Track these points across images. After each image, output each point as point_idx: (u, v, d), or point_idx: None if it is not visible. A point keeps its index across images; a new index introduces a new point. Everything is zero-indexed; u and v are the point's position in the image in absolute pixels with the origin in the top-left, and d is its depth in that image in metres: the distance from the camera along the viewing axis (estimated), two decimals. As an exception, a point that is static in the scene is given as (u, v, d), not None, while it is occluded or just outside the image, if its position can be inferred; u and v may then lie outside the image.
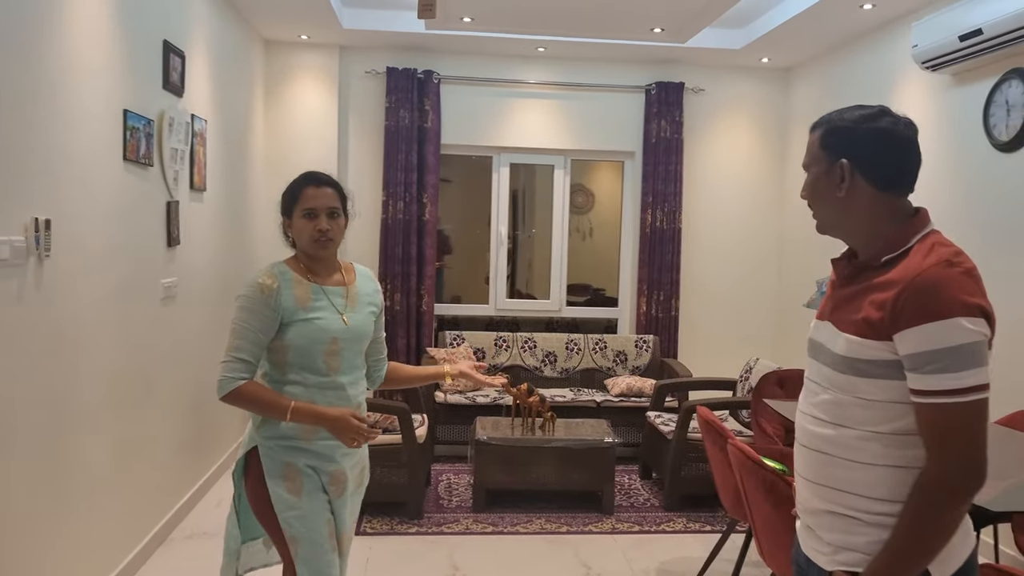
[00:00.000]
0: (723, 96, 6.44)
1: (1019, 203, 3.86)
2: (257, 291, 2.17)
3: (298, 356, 2.19)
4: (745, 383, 5.08)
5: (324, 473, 2.24)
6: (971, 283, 1.49)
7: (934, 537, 1.48)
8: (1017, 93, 3.86)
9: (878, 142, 1.60)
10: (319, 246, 2.24)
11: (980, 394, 1.45)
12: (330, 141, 6.09)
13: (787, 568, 2.67)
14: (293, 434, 2.20)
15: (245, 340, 2.16)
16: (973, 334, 1.45)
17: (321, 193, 2.25)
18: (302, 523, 2.18)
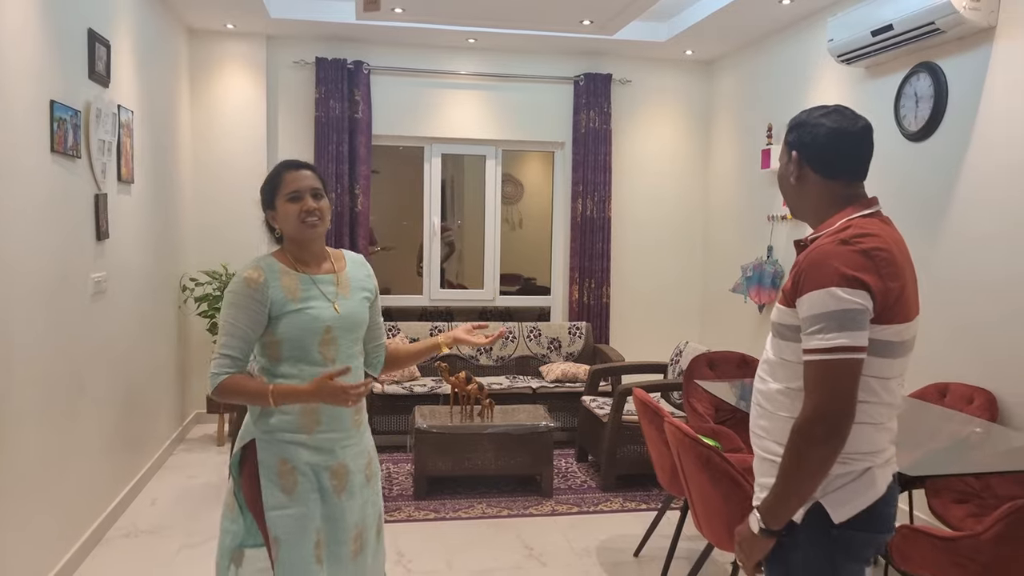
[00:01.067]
0: (649, 87, 6.60)
1: (928, 190, 4.10)
2: (243, 286, 2.12)
3: (292, 348, 2.15)
4: (676, 366, 5.25)
5: (324, 469, 2.19)
6: (859, 259, 1.66)
7: (802, 476, 1.68)
8: (925, 86, 4.09)
9: (821, 136, 1.79)
10: (308, 227, 2.19)
11: (847, 354, 1.63)
12: (259, 132, 6.01)
13: (722, 536, 2.81)
14: (293, 428, 2.16)
15: (232, 337, 2.12)
16: (846, 302, 1.63)
17: (301, 175, 2.22)
18: (287, 525, 2.12)
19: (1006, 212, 3.62)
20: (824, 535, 1.72)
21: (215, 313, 5.54)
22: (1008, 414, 3.56)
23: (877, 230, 1.73)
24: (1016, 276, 3.56)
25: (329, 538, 2.19)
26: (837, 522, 1.70)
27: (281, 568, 2.12)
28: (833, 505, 1.71)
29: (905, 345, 1.75)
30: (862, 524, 1.71)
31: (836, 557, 1.73)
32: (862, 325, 1.63)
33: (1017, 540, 2.33)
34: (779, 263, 5.48)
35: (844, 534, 1.71)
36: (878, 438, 1.75)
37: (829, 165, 1.81)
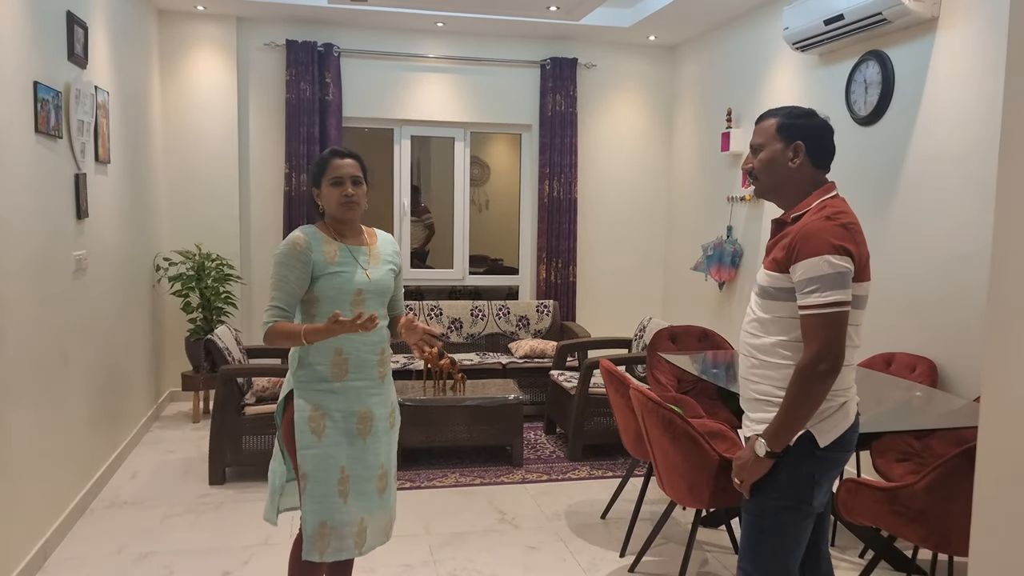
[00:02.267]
0: (614, 72, 6.77)
1: (877, 172, 4.34)
2: (291, 248, 2.44)
3: (328, 306, 2.45)
4: (640, 340, 5.47)
5: (352, 415, 2.48)
6: (841, 231, 2.07)
7: (804, 406, 2.07)
8: (873, 73, 4.32)
9: (821, 131, 2.21)
10: (346, 208, 2.50)
11: (838, 308, 2.04)
12: (229, 114, 6.08)
13: (683, 494, 3.03)
14: (326, 377, 2.46)
15: (280, 291, 2.43)
16: (836, 267, 2.03)
17: (345, 163, 2.51)
18: (315, 463, 2.43)
19: (947, 194, 3.87)
20: (809, 456, 2.12)
21: (189, 293, 5.63)
22: (947, 380, 3.82)
23: (846, 208, 2.15)
24: (955, 254, 3.82)
25: (356, 475, 2.49)
26: (822, 446, 2.11)
27: (308, 499, 2.43)
28: (820, 432, 2.11)
29: (866, 299, 2.17)
30: (837, 446, 2.14)
31: (816, 473, 2.14)
32: (848, 284, 2.05)
33: (946, 489, 2.56)
34: (738, 242, 5.72)
35: (825, 454, 2.13)
36: (850, 376, 2.17)
37: (822, 156, 2.20)
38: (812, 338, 2.05)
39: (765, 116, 2.26)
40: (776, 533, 2.17)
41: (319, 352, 2.45)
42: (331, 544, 2.46)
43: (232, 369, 4.36)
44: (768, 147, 2.21)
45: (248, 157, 6.24)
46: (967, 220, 3.76)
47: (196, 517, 3.95)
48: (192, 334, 5.69)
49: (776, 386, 2.14)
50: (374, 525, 2.55)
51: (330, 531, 2.45)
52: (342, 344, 2.45)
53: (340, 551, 2.47)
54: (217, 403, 4.34)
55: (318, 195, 2.55)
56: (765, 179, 2.24)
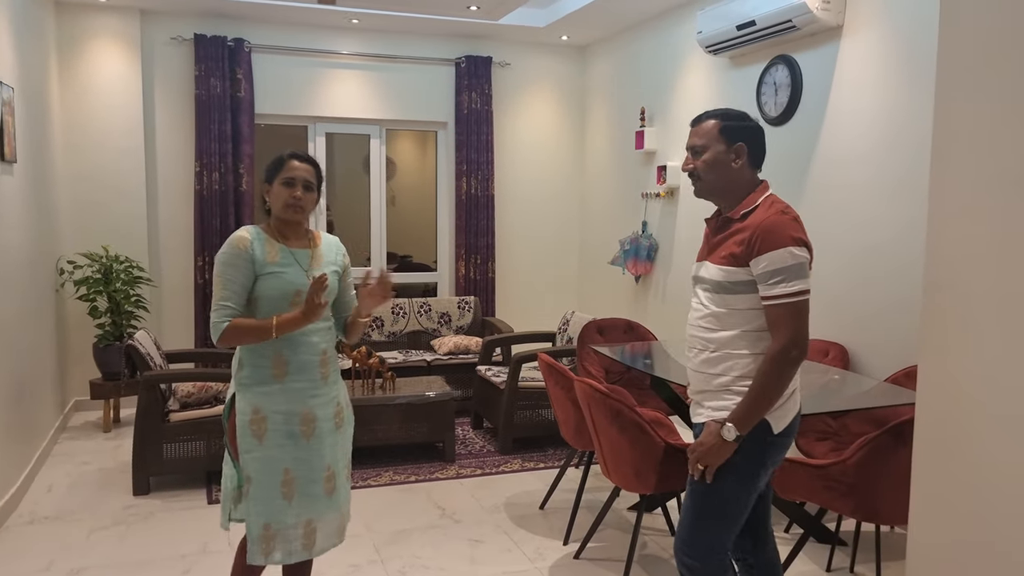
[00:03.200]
0: (528, 71, 6.88)
1: (788, 170, 4.59)
2: (234, 246, 2.43)
3: (269, 307, 2.44)
4: (564, 334, 5.59)
5: (294, 416, 2.47)
6: (796, 225, 2.24)
7: (773, 390, 2.19)
8: (783, 76, 4.57)
9: (760, 134, 2.36)
10: (291, 211, 2.50)
11: (803, 296, 2.19)
12: (134, 110, 5.84)
13: (629, 480, 3.15)
14: (267, 377, 2.45)
15: (228, 290, 2.41)
16: (798, 258, 2.18)
17: (302, 167, 2.52)
18: (258, 465, 2.44)
19: (853, 192, 4.15)
20: (762, 441, 2.25)
21: (96, 297, 5.39)
22: (858, 363, 4.10)
23: (788, 205, 2.30)
24: (861, 247, 4.10)
25: (301, 476, 2.48)
26: (776, 432, 2.25)
27: (252, 501, 2.44)
28: (775, 419, 2.25)
29: None
30: (786, 432, 2.29)
31: (766, 457, 2.29)
32: (808, 274, 2.21)
33: (875, 464, 2.78)
34: (654, 237, 5.93)
35: (776, 440, 2.27)
36: None
37: (760, 157, 2.37)
38: (782, 326, 2.17)
39: (703, 118, 2.36)
40: (720, 513, 2.29)
41: (260, 354, 2.45)
42: (276, 547, 2.45)
43: (157, 375, 4.22)
44: (711, 148, 2.31)
45: (156, 155, 6.02)
46: (871, 215, 4.04)
47: (125, 529, 3.81)
48: (100, 340, 5.45)
49: (740, 375, 2.25)
50: (324, 527, 2.55)
51: (275, 533, 2.45)
52: (281, 351, 2.45)
53: (289, 554, 2.47)
54: (140, 411, 4.19)
55: (268, 192, 2.55)
56: (709, 179, 2.34)
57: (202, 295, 6.05)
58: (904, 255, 3.85)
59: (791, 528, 3.84)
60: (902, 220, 3.86)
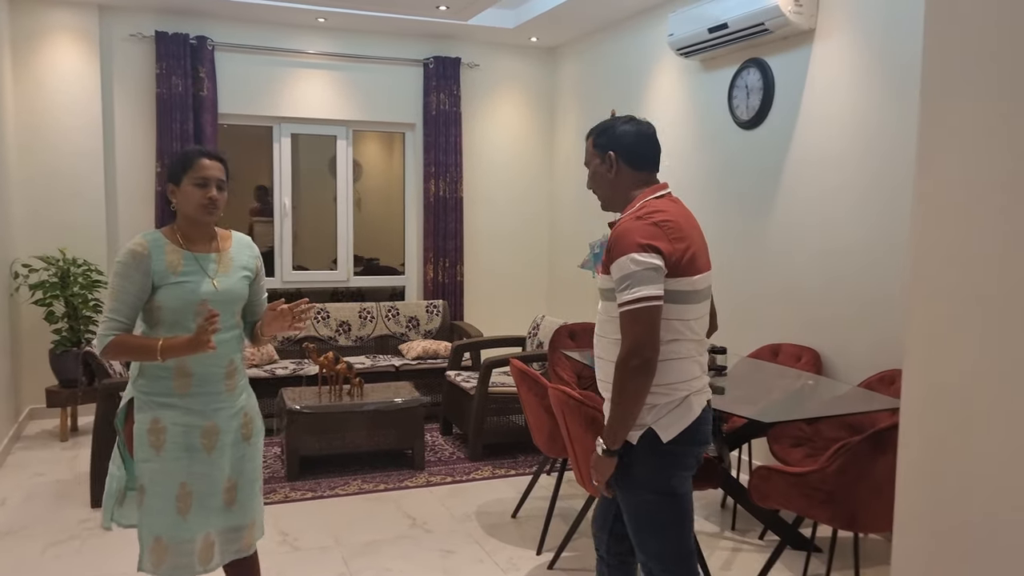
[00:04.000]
0: (497, 72, 6.81)
1: (758, 173, 4.58)
2: (129, 257, 2.33)
3: (171, 316, 2.35)
4: (534, 339, 5.54)
5: (194, 428, 2.38)
6: (652, 230, 2.13)
7: (626, 401, 2.13)
8: (755, 79, 4.56)
9: (631, 138, 2.27)
10: (206, 212, 2.41)
11: (647, 303, 2.09)
12: (92, 109, 5.67)
13: (606, 490, 3.09)
14: (167, 391, 2.37)
15: (119, 302, 2.32)
16: (641, 263, 2.09)
17: (213, 165, 2.42)
18: (153, 476, 2.35)
19: (824, 195, 4.14)
20: (656, 451, 2.19)
21: (53, 301, 5.22)
22: (830, 368, 4.10)
23: (665, 207, 2.21)
24: (831, 250, 4.09)
25: (199, 490, 2.39)
26: (665, 441, 2.18)
27: (144, 512, 2.37)
28: (661, 428, 2.18)
29: (700, 294, 2.22)
30: (684, 440, 2.20)
31: (666, 467, 2.21)
32: (657, 280, 2.10)
33: (855, 471, 2.75)
34: (624, 240, 5.88)
35: (671, 449, 2.19)
36: (690, 369, 2.21)
37: (638, 159, 2.27)
38: (625, 334, 2.12)
39: (588, 134, 2.38)
40: (653, 523, 2.25)
41: (160, 364, 2.34)
42: (167, 560, 2.36)
43: (116, 383, 4.07)
44: (591, 164, 2.34)
45: (115, 155, 5.84)
46: (841, 218, 4.04)
47: (81, 544, 3.66)
48: (57, 346, 5.27)
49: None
50: (223, 540, 2.48)
51: (166, 547, 2.36)
52: (185, 359, 2.35)
53: (180, 568, 2.37)
54: (98, 420, 4.04)
55: (173, 192, 2.42)
56: (598, 193, 2.36)
57: (163, 299, 5.88)
58: (876, 257, 3.85)
59: (765, 535, 3.82)
60: (874, 222, 3.86)
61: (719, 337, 4.73)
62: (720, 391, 3.54)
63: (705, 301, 2.26)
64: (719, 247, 4.90)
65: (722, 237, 4.88)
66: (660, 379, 2.16)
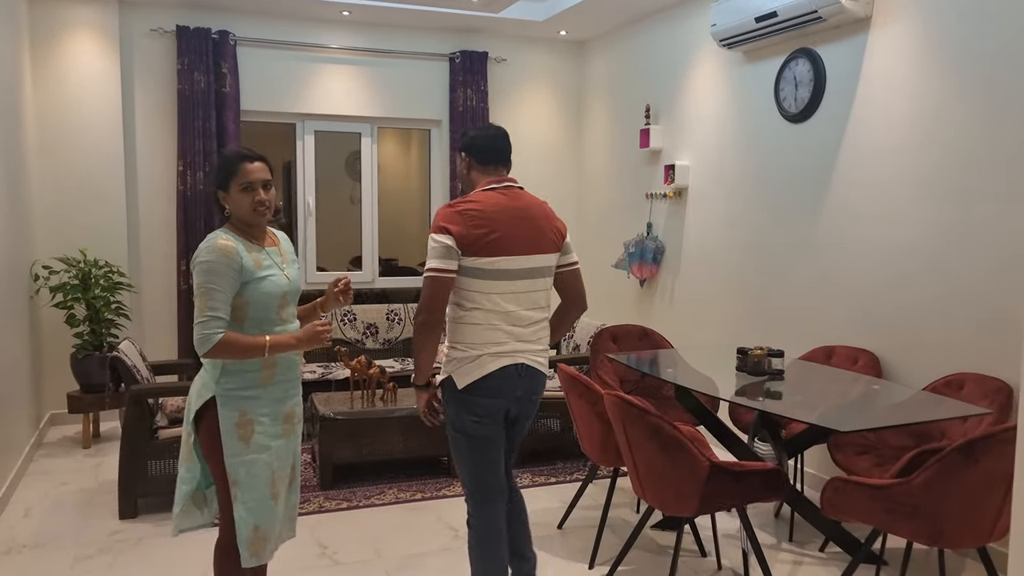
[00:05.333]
0: (524, 67, 6.64)
1: (808, 168, 4.40)
2: (221, 254, 2.36)
3: (257, 311, 2.42)
4: (570, 340, 5.36)
5: (278, 416, 2.50)
6: (452, 214, 2.56)
7: (416, 348, 2.63)
8: (804, 70, 4.38)
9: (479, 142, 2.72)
10: (258, 215, 2.47)
11: (432, 274, 2.53)
12: (113, 106, 5.51)
13: (668, 501, 2.92)
14: (254, 383, 2.43)
15: (217, 300, 2.34)
16: (436, 242, 2.54)
17: (256, 168, 2.47)
18: (246, 469, 2.42)
19: (882, 188, 3.96)
20: (454, 395, 2.64)
21: (74, 304, 5.07)
22: (890, 371, 3.91)
23: (480, 198, 2.61)
24: (889, 246, 3.91)
25: (281, 475, 2.53)
26: (459, 388, 2.61)
27: (240, 505, 2.42)
28: (457, 377, 2.63)
29: (507, 273, 2.59)
30: (476, 391, 2.61)
31: (461, 410, 2.65)
32: (446, 256, 2.52)
33: (943, 484, 2.57)
34: (659, 239, 5.71)
35: (466, 396, 2.62)
36: (487, 334, 2.60)
37: (482, 157, 2.71)
38: (421, 296, 2.58)
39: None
40: (456, 454, 2.73)
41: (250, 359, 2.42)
42: (265, 548, 2.49)
43: (144, 389, 3.92)
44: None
45: (135, 154, 5.69)
46: (899, 213, 3.86)
47: (113, 558, 3.51)
48: (79, 350, 5.12)
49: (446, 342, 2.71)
50: (287, 518, 2.64)
51: (264, 534, 2.48)
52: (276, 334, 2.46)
53: (269, 552, 2.52)
54: (127, 427, 3.89)
55: (224, 198, 2.48)
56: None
57: (186, 301, 5.73)
58: (937, 253, 3.67)
59: (826, 547, 3.64)
60: (933, 217, 3.68)
61: (772, 339, 4.57)
62: (777, 396, 3.37)
63: (524, 280, 2.63)
64: (762, 245, 4.72)
65: (766, 234, 4.70)
66: (458, 337, 2.63)
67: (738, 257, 4.96)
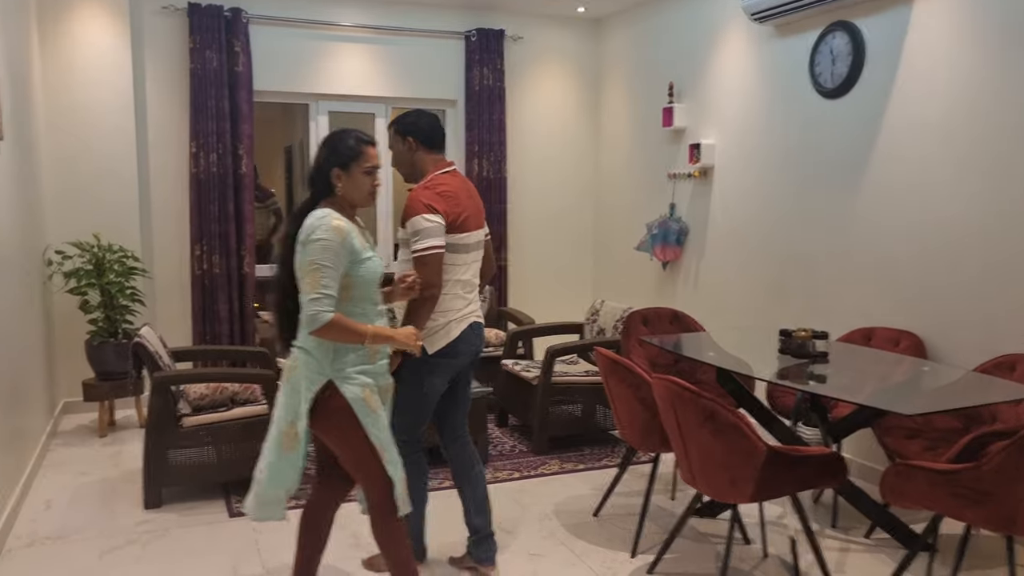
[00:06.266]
0: (540, 45, 6.50)
1: (846, 144, 4.28)
2: (335, 233, 2.40)
3: (362, 290, 2.50)
4: (593, 324, 5.25)
5: (387, 390, 2.64)
6: (433, 196, 2.82)
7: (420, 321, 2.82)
8: (842, 44, 4.25)
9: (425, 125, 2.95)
10: (371, 199, 2.59)
11: (435, 251, 2.78)
12: (123, 86, 5.35)
13: (723, 488, 2.83)
14: (364, 361, 2.53)
15: (330, 279, 2.39)
16: (426, 222, 2.77)
17: (377, 153, 2.57)
18: (383, 433, 2.55)
19: (925, 163, 3.85)
20: (424, 359, 2.88)
21: (88, 290, 4.94)
22: (935, 352, 3.81)
23: (447, 180, 2.91)
24: (932, 225, 3.80)
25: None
26: (431, 352, 2.89)
27: (390, 464, 2.56)
28: (429, 343, 2.87)
29: (469, 247, 2.93)
30: (443, 354, 2.92)
31: (425, 372, 2.92)
32: (439, 234, 2.78)
33: (1015, 469, 2.48)
34: (683, 220, 5.60)
35: (433, 359, 2.91)
36: (454, 303, 2.91)
37: (430, 141, 2.95)
38: (420, 273, 2.75)
39: (390, 125, 3.01)
40: (408, 409, 2.96)
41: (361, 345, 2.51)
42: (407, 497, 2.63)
43: (171, 376, 3.81)
44: (395, 147, 2.99)
45: (147, 135, 5.55)
46: (943, 189, 3.75)
47: (141, 549, 3.40)
48: (94, 336, 4.99)
49: None
50: None
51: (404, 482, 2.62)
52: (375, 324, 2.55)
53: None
54: (152, 416, 3.78)
55: (339, 177, 2.52)
56: (401, 170, 3.02)
57: (200, 287, 5.61)
58: (982, 230, 3.57)
59: (872, 533, 3.55)
60: (979, 191, 3.58)
61: (805, 321, 4.46)
62: (821, 379, 3.28)
63: (474, 252, 2.97)
64: (794, 224, 4.61)
65: (798, 213, 4.59)
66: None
67: (767, 237, 4.85)
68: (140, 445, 4.72)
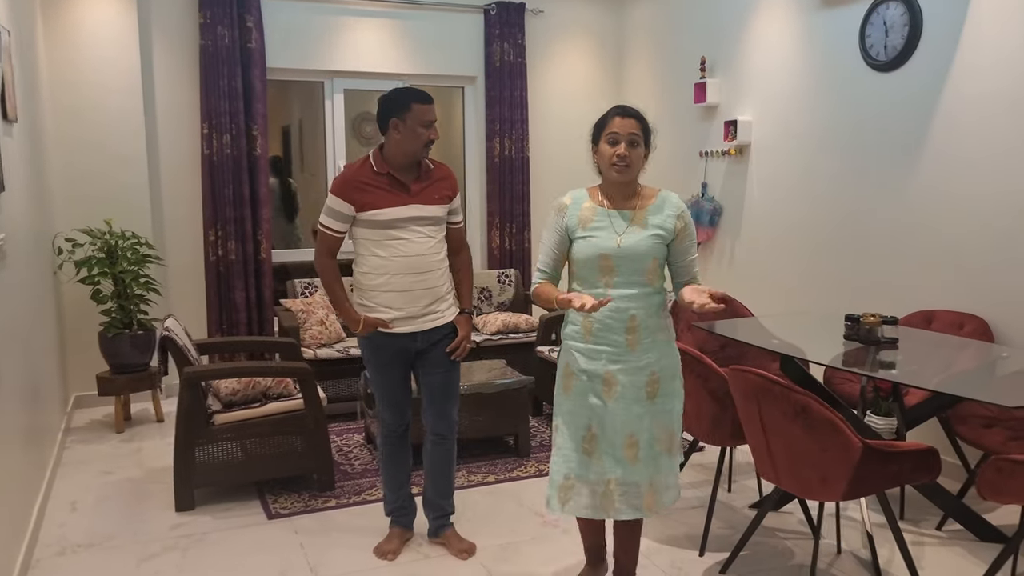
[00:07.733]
0: (562, 19, 6.27)
1: (901, 119, 4.10)
2: (555, 211, 2.60)
3: (580, 268, 2.55)
4: (629, 309, 5.07)
5: (596, 377, 2.53)
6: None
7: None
8: (897, 14, 4.06)
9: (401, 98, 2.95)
10: (616, 170, 2.51)
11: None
12: (130, 63, 5.10)
13: (812, 486, 2.67)
14: (577, 336, 2.56)
15: (543, 253, 2.61)
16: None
17: (626, 123, 2.50)
18: (563, 417, 2.59)
19: (991, 135, 3.67)
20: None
21: (101, 279, 4.71)
22: (1002, 338, 3.66)
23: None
24: (998, 201, 3.64)
25: (603, 437, 2.54)
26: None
27: (556, 451, 2.59)
28: None
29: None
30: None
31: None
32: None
33: None
34: (716, 199, 5.42)
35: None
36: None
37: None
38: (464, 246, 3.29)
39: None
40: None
41: (575, 311, 2.48)
42: (574, 499, 2.55)
43: (201, 371, 3.60)
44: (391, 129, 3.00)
45: (155, 115, 5.29)
46: (1011, 160, 3.57)
47: (181, 556, 3.21)
48: (108, 328, 4.76)
49: None
50: (624, 492, 2.53)
51: (574, 485, 2.54)
52: None
53: (584, 508, 2.55)
54: (182, 412, 3.57)
55: (595, 153, 2.59)
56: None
57: (215, 273, 5.38)
58: (1066, 214, 3.41)
59: (944, 525, 3.41)
60: (1063, 174, 3.41)
61: (854, 305, 4.29)
62: (890, 366, 3.11)
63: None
64: (840, 203, 4.44)
65: (845, 191, 4.42)
66: None
67: (810, 217, 4.68)
68: (160, 441, 4.55)
